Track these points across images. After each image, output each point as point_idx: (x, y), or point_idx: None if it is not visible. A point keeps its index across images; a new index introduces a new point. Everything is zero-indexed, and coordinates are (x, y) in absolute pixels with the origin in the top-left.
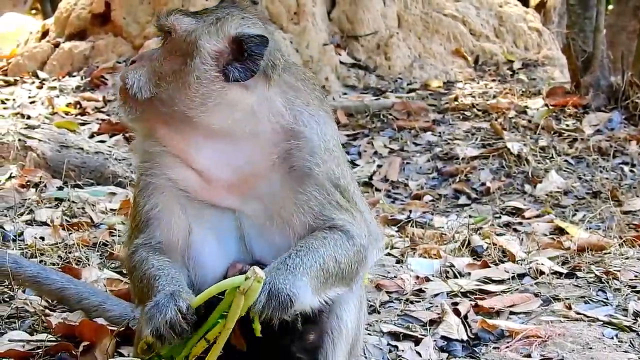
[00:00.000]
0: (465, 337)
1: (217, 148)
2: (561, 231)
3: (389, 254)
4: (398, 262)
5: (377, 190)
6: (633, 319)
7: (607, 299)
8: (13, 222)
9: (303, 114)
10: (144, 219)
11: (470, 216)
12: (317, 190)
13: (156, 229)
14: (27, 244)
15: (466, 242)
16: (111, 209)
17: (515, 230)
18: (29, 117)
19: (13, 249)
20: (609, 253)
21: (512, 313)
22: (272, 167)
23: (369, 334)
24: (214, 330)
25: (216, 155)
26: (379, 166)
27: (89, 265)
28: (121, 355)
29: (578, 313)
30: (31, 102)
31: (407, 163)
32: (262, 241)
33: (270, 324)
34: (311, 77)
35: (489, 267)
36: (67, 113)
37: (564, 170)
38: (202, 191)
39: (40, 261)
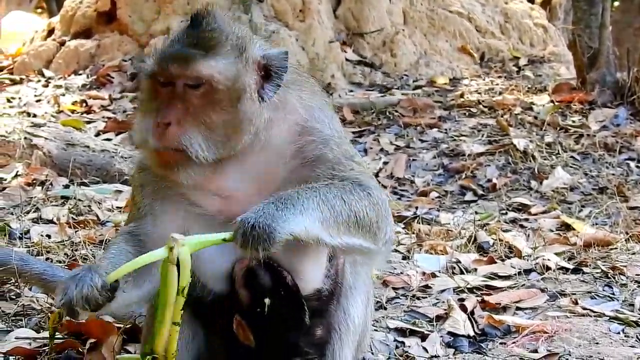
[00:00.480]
0: (471, 333)
1: (237, 165)
2: (567, 227)
3: (395, 250)
4: (404, 258)
5: (384, 187)
6: (639, 314)
7: (613, 294)
8: (19, 220)
9: (314, 109)
10: (139, 212)
11: (476, 212)
12: (331, 168)
13: (148, 223)
14: (33, 242)
15: (472, 238)
16: (117, 207)
17: (521, 226)
18: (34, 116)
19: (19, 247)
20: (615, 248)
21: (518, 309)
22: (286, 164)
23: (375, 329)
24: (160, 309)
25: (236, 172)
26: (385, 163)
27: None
28: (128, 352)
29: (584, 308)
30: (37, 101)
31: (413, 160)
32: None
33: (278, 318)
34: (305, 71)
35: (495, 263)
36: (73, 111)
37: (570, 167)
38: (218, 208)
39: (47, 259)
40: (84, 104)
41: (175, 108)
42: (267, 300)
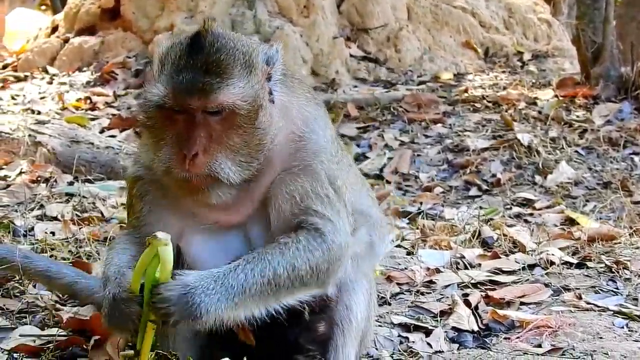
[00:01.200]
0: (475, 328)
1: None
2: (572, 222)
3: (399, 246)
4: (409, 253)
5: (388, 182)
6: None
7: (617, 288)
8: (24, 217)
9: (309, 118)
10: (139, 221)
11: (480, 207)
12: (308, 182)
13: (147, 231)
14: (37, 239)
15: (477, 234)
16: (122, 204)
17: (526, 221)
18: (39, 113)
19: (24, 244)
20: (619, 243)
21: (522, 303)
22: (275, 171)
23: (379, 325)
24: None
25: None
26: (390, 159)
27: (99, 260)
28: (132, 349)
29: (588, 303)
30: (41, 98)
31: (418, 155)
32: (264, 235)
33: (277, 316)
34: (299, 77)
35: (500, 258)
36: (77, 108)
37: (574, 161)
38: (215, 218)
39: (51, 256)
40: (88, 101)
41: (199, 137)
42: None
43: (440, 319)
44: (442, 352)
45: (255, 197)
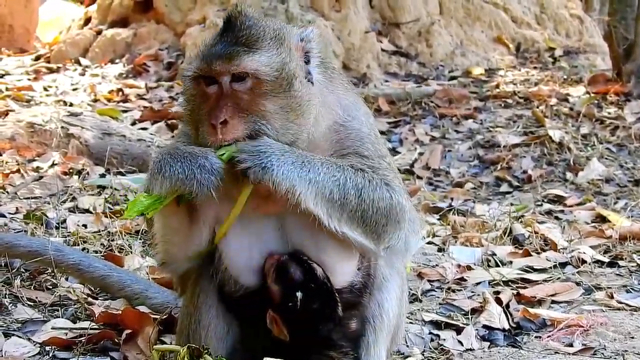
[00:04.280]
0: (507, 326)
1: None
2: (603, 219)
3: (430, 242)
4: (440, 250)
5: (419, 177)
6: None
7: None
8: (56, 209)
9: (350, 107)
10: None
11: (511, 204)
12: (362, 158)
13: None
14: (69, 232)
15: (508, 231)
16: None
17: (557, 218)
18: (71, 105)
19: (56, 237)
20: None
21: (553, 302)
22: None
23: (410, 322)
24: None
25: None
26: (421, 154)
27: (131, 253)
28: (164, 342)
29: (620, 302)
30: (73, 90)
31: (449, 151)
32: (302, 231)
33: (311, 311)
34: (337, 69)
35: (531, 255)
36: (109, 100)
37: (606, 158)
38: (255, 204)
39: (83, 249)
40: (120, 93)
41: (226, 105)
42: (299, 294)
43: (471, 317)
44: (473, 350)
45: None
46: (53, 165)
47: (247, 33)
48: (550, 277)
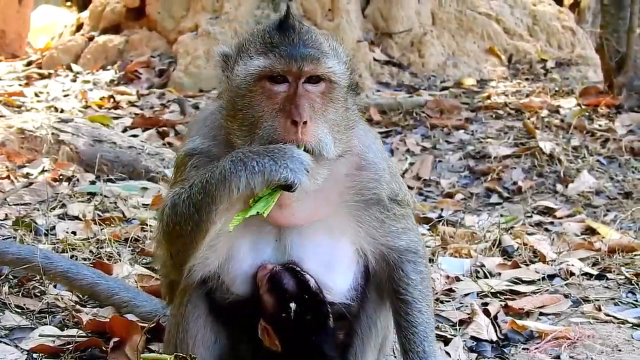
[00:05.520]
0: (494, 338)
1: None
2: (592, 231)
3: None
4: (429, 261)
5: (410, 188)
6: None
7: (636, 300)
8: (45, 216)
9: (364, 136)
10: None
11: (501, 215)
12: (379, 210)
13: None
14: (58, 239)
15: (497, 242)
16: (143, 204)
17: (546, 230)
18: (62, 111)
19: (45, 243)
20: None
21: (541, 314)
22: (342, 193)
23: None
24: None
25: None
26: (411, 164)
27: (120, 260)
28: (151, 351)
29: (607, 315)
30: (65, 96)
31: (439, 161)
32: (303, 243)
33: (303, 323)
34: None
35: (520, 267)
36: (100, 107)
37: (596, 170)
38: (273, 214)
39: (72, 256)
40: (112, 100)
41: (306, 105)
42: (292, 305)
43: (459, 328)
44: None
45: (319, 209)
46: (43, 171)
47: (312, 37)
48: (539, 289)
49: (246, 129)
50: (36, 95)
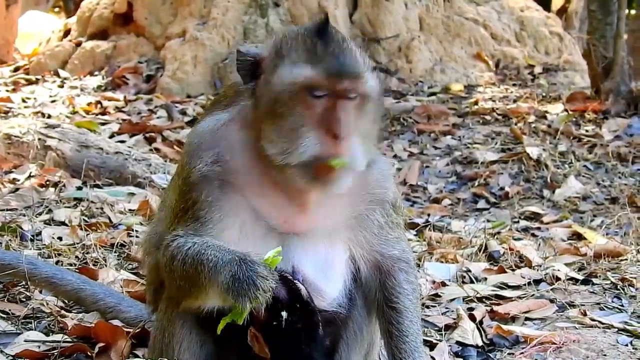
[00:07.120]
0: (480, 343)
1: None
2: (579, 236)
3: None
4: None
5: None
6: None
7: (622, 305)
8: (31, 221)
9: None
10: (193, 215)
11: (488, 221)
12: (382, 214)
13: (205, 229)
14: (44, 244)
15: (483, 247)
16: (130, 210)
17: (533, 235)
18: (49, 116)
19: (31, 249)
20: (626, 260)
21: (527, 319)
22: (350, 197)
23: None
24: None
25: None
26: (399, 169)
27: (106, 266)
28: (136, 356)
29: (593, 320)
30: (52, 101)
31: (427, 166)
32: (305, 249)
33: (294, 331)
34: None
35: (506, 272)
36: (87, 112)
37: (583, 176)
38: (283, 220)
39: (58, 262)
40: (99, 106)
41: (345, 121)
42: (284, 314)
43: (445, 333)
44: None
45: (326, 215)
46: (30, 177)
47: (351, 48)
48: (525, 294)
49: (283, 138)
50: (23, 100)
